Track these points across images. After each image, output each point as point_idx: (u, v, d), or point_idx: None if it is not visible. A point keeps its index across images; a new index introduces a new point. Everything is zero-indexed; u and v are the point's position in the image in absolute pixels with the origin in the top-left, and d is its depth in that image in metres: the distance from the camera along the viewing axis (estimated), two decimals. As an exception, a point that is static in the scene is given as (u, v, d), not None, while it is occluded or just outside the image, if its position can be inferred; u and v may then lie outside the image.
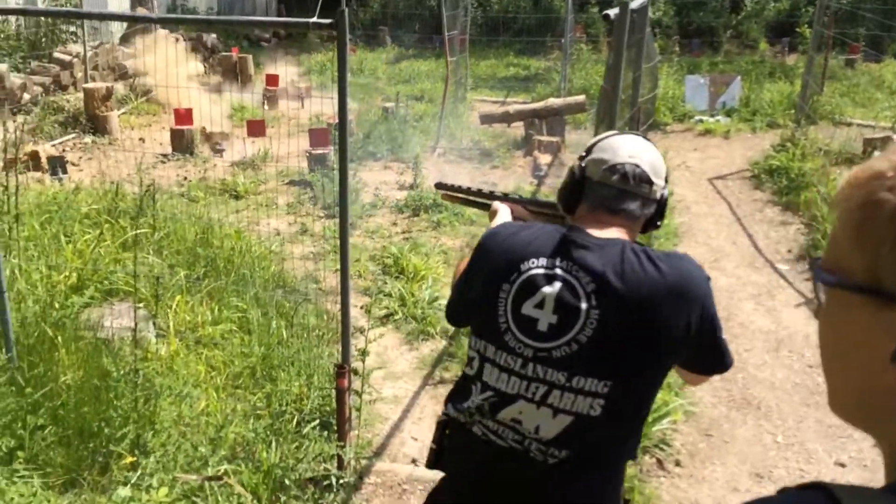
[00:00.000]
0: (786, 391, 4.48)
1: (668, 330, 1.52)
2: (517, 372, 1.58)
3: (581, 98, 9.67)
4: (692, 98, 11.28)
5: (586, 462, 1.59)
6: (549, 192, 7.85)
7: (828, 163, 8.21)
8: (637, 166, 1.65)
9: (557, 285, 1.55)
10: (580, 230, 1.62)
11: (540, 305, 1.56)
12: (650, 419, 3.83)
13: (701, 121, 10.74)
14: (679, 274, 1.53)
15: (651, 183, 1.66)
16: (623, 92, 4.30)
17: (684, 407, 4.07)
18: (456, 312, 1.85)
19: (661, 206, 1.71)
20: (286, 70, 12.41)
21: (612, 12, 2.86)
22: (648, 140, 1.76)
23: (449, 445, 1.74)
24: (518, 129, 9.81)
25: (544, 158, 8.60)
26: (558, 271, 1.56)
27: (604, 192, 1.66)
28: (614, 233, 1.63)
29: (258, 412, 3.54)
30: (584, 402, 1.53)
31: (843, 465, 3.85)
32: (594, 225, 1.64)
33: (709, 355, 1.64)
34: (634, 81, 3.68)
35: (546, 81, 13.18)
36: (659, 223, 1.74)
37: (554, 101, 9.59)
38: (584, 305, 1.52)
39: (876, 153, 7.86)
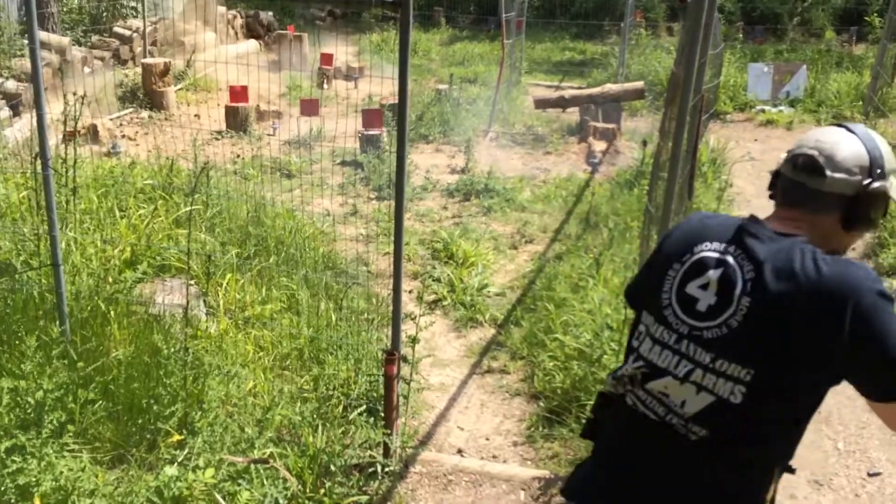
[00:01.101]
0: (848, 396, 4.29)
1: (806, 333, 1.45)
2: (670, 346, 1.60)
3: (640, 84, 9.42)
4: (755, 87, 10.92)
5: (725, 446, 1.56)
6: (603, 179, 7.69)
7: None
8: (808, 155, 1.58)
9: (722, 270, 1.56)
10: (759, 221, 1.61)
11: (704, 287, 1.58)
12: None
13: (763, 110, 10.40)
14: (837, 278, 1.45)
15: (823, 174, 1.56)
16: (680, 78, 4.14)
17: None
18: (634, 289, 1.87)
19: (855, 203, 1.57)
20: (342, 49, 12.38)
21: (688, -4, 2.72)
22: (868, 130, 1.62)
23: (602, 416, 1.78)
24: (573, 114, 9.62)
25: (599, 145, 8.42)
26: (728, 257, 1.56)
27: (783, 183, 1.65)
28: (792, 228, 1.58)
29: (305, 395, 3.51)
30: (725, 385, 1.52)
31: (908, 478, 3.67)
32: (776, 220, 1.62)
33: (875, 375, 1.45)
34: (700, 68, 3.52)
35: (602, 66, 12.92)
36: (862, 224, 1.59)
37: (611, 87, 9.37)
38: (738, 291, 1.52)
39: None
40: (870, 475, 3.69)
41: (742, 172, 7.74)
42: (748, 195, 7.51)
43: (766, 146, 9.13)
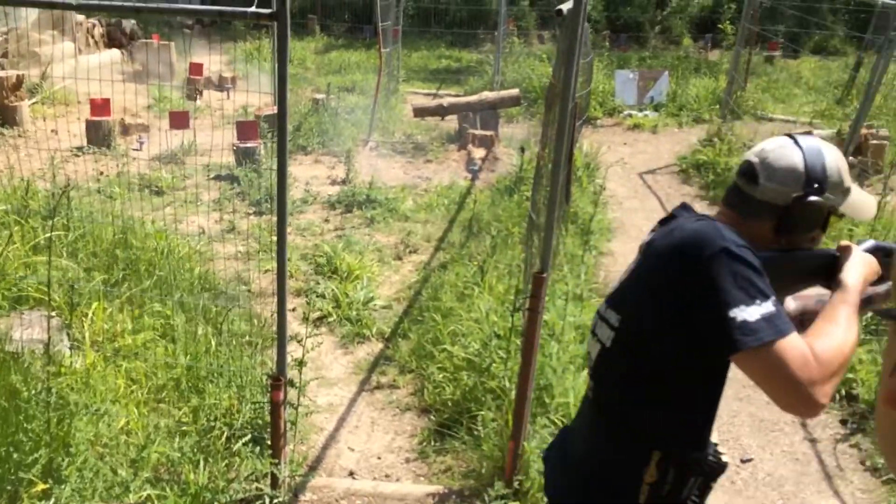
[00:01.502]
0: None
1: (659, 280, 1.56)
2: (600, 312, 1.74)
3: (515, 92, 9.61)
4: (622, 93, 11.39)
5: (605, 405, 1.70)
6: (484, 186, 7.77)
7: (753, 158, 8.39)
8: (749, 162, 1.65)
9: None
10: (688, 207, 1.71)
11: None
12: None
13: (630, 115, 10.86)
14: (693, 233, 1.53)
15: (757, 181, 1.61)
16: (557, 80, 4.24)
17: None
18: None
19: (787, 213, 1.60)
20: (212, 59, 11.95)
21: (566, 6, 2.76)
22: (820, 145, 1.64)
23: None
24: (452, 122, 9.70)
25: (478, 153, 8.51)
26: (653, 235, 1.70)
27: (729, 184, 1.73)
28: (711, 214, 1.68)
29: (184, 429, 3.32)
30: (605, 331, 1.67)
31: (774, 459, 3.88)
32: (716, 215, 1.72)
33: (714, 330, 1.45)
34: (575, 77, 3.64)
35: (478, 74, 13.10)
36: (794, 234, 1.63)
37: (488, 95, 9.51)
38: (638, 256, 1.70)
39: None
40: (742, 461, 3.88)
41: (614, 175, 8.03)
42: (620, 197, 7.81)
43: (634, 149, 9.53)
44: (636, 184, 8.29)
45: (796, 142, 1.64)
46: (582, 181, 7.34)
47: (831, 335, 1.46)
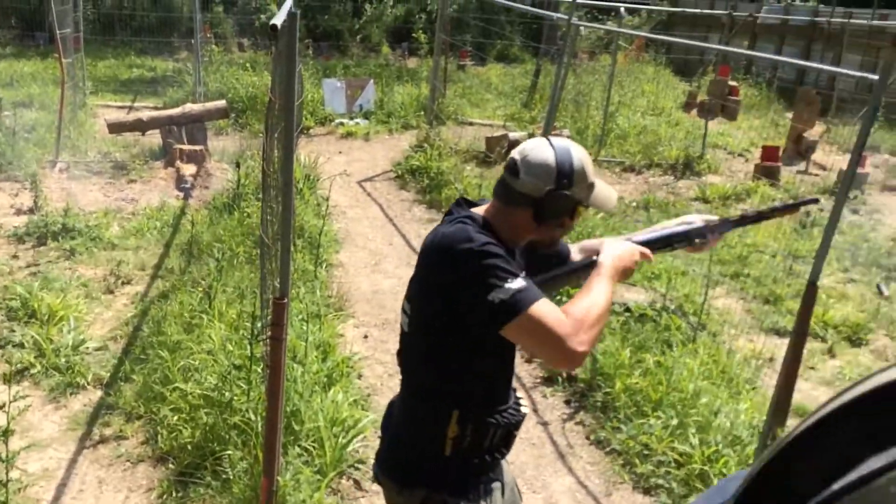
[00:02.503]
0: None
1: (428, 273, 1.85)
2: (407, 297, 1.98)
3: (222, 103, 9.18)
4: (331, 101, 11.45)
5: (410, 376, 1.99)
6: (199, 204, 7.32)
7: (459, 161, 8.92)
8: (513, 158, 1.86)
9: None
10: (461, 204, 1.96)
11: None
12: (343, 440, 3.72)
13: (342, 124, 10.96)
14: (442, 236, 1.81)
15: (518, 175, 1.83)
16: (277, 97, 4.09)
17: (374, 421, 4.01)
18: None
19: (541, 204, 1.83)
20: None
21: (279, 21, 2.63)
22: (569, 146, 1.87)
23: None
24: (154, 137, 8.99)
25: (189, 169, 8.00)
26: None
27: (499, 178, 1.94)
28: (490, 213, 1.90)
29: None
30: (404, 318, 1.95)
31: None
32: (488, 205, 1.95)
33: (481, 313, 1.72)
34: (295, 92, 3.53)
35: (178, 84, 12.33)
36: (550, 222, 1.86)
37: (192, 107, 8.96)
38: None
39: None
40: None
41: (335, 185, 8.02)
42: (343, 206, 7.83)
43: (350, 157, 9.63)
44: (357, 192, 8.38)
45: (550, 142, 1.86)
46: (304, 193, 7.23)
47: (582, 297, 1.76)
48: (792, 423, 3.48)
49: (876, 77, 3.05)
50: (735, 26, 16.60)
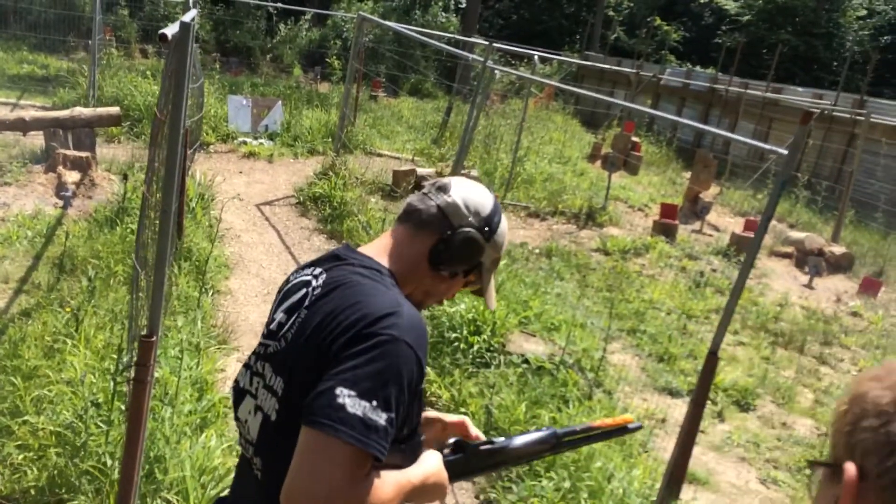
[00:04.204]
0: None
1: (328, 345, 1.36)
2: (250, 365, 1.54)
3: (115, 110, 8.63)
4: (235, 119, 11.03)
5: (276, 485, 1.30)
6: (79, 215, 6.78)
7: (364, 192, 8.71)
8: (449, 179, 1.62)
9: (303, 290, 1.50)
10: (350, 248, 1.57)
11: (283, 307, 1.52)
12: (211, 490, 3.38)
13: (245, 142, 10.55)
14: (360, 293, 1.41)
15: (446, 191, 1.58)
16: (164, 113, 3.80)
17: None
18: None
19: (452, 235, 1.54)
20: None
21: (171, 31, 2.36)
22: (480, 187, 1.64)
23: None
24: (37, 138, 8.34)
25: (72, 176, 7.42)
26: (311, 278, 1.51)
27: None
28: (373, 249, 1.56)
29: None
30: (269, 400, 1.45)
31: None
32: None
33: (318, 390, 1.29)
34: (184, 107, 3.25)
35: (71, 85, 11.59)
36: (442, 266, 1.56)
37: (83, 111, 8.37)
38: (304, 308, 1.47)
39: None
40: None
41: (231, 207, 7.63)
42: (238, 230, 7.45)
43: (251, 178, 9.24)
44: (254, 215, 8.00)
45: (492, 195, 1.65)
46: (196, 213, 6.81)
47: (397, 483, 1.36)
48: (686, 494, 3.40)
49: (785, 151, 3.06)
50: (640, 85, 17.25)
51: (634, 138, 12.70)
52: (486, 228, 1.58)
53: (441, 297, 1.64)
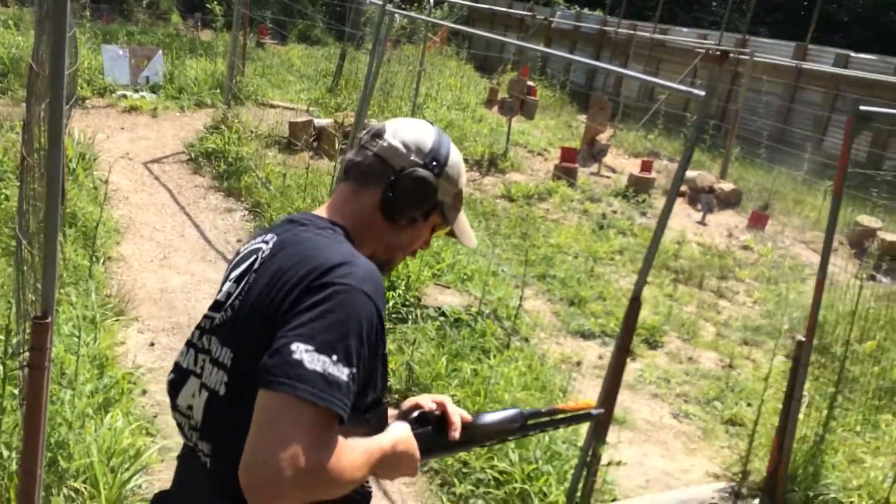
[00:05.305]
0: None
1: (281, 310, 1.25)
2: (193, 343, 1.40)
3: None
4: (112, 70, 10.25)
5: (228, 475, 1.18)
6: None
7: (260, 146, 8.32)
8: (382, 124, 1.49)
9: (254, 256, 1.39)
10: (305, 213, 1.47)
11: (232, 276, 1.40)
12: (123, 475, 3.17)
13: (125, 96, 9.84)
14: (310, 248, 1.31)
15: (381, 136, 1.46)
16: (41, 65, 3.42)
17: (163, 449, 3.46)
18: None
19: (398, 179, 1.42)
20: None
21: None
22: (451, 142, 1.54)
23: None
24: None
25: (-71, 139, 6.71)
26: (262, 244, 1.40)
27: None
28: (325, 210, 1.46)
29: None
30: (216, 374, 1.33)
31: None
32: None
33: (273, 349, 1.18)
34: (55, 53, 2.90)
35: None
36: (398, 215, 1.44)
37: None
38: (252, 272, 1.35)
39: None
40: None
41: (116, 166, 7.12)
42: (126, 191, 6.98)
43: (134, 135, 8.65)
44: (142, 175, 7.50)
45: (433, 126, 1.54)
46: (78, 175, 6.30)
47: (365, 451, 1.26)
48: (612, 437, 3.45)
49: (702, 93, 3.05)
50: (532, 27, 17.25)
51: (529, 83, 12.70)
52: (434, 163, 1.46)
53: (409, 249, 1.52)
